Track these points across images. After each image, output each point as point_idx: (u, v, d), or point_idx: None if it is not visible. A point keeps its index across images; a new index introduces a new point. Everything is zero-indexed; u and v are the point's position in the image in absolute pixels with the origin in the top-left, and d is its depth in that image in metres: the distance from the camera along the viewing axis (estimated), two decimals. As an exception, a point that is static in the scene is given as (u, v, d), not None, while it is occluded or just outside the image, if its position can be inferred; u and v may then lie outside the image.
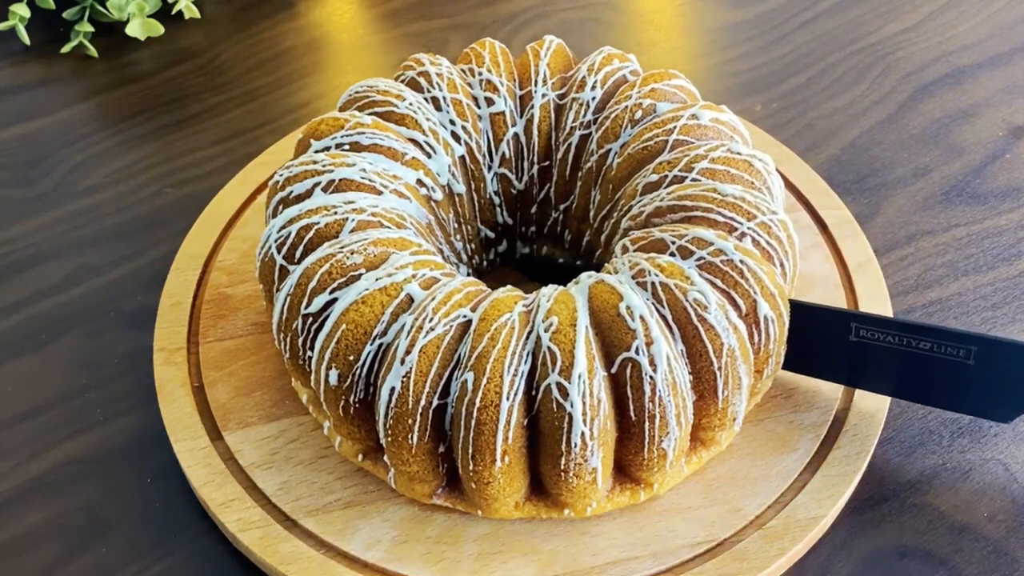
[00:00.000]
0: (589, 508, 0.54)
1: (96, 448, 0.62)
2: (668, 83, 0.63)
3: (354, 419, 0.54)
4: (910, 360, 0.55)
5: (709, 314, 0.51)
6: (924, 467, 0.60)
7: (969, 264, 0.71)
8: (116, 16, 0.93)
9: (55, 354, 0.68)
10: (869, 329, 0.55)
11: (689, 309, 0.51)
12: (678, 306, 0.51)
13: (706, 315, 0.51)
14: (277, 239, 0.56)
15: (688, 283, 0.52)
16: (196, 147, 0.83)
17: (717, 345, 0.51)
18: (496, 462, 0.51)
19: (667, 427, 0.51)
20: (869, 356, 0.57)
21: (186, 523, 0.58)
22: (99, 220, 0.77)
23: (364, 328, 0.52)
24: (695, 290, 0.51)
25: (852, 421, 0.59)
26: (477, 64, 0.66)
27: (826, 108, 0.85)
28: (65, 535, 0.58)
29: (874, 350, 0.56)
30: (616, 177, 0.61)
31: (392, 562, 0.54)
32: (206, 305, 0.67)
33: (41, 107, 0.88)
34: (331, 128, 0.61)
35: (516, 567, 0.54)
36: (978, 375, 0.54)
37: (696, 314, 0.51)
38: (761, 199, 0.57)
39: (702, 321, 0.51)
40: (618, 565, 0.54)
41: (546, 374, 0.50)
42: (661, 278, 0.52)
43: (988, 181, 0.77)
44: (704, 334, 0.51)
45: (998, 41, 0.91)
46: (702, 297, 0.51)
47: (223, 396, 0.62)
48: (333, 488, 0.57)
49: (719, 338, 0.51)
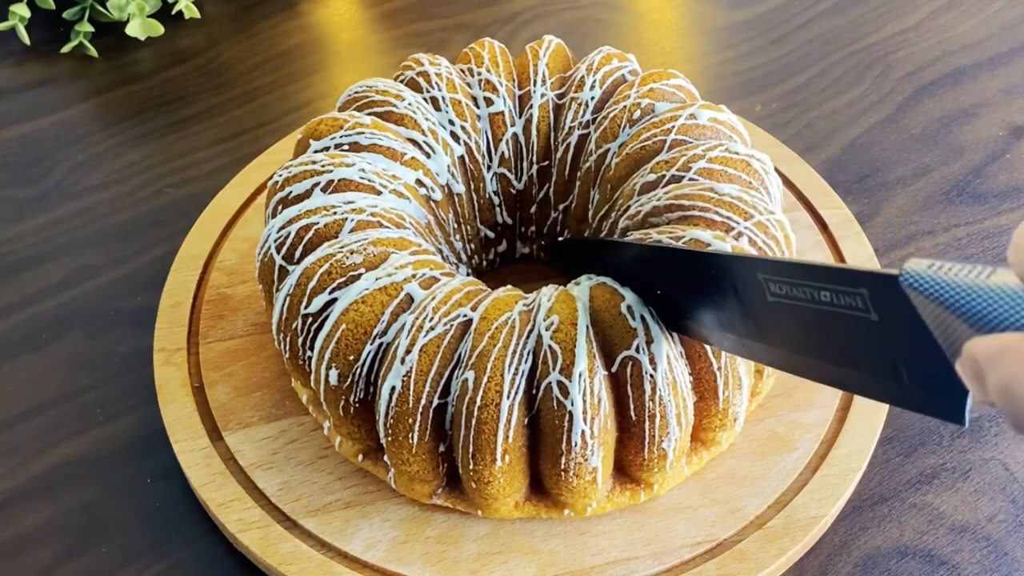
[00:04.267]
0: (589, 508, 0.54)
1: (96, 448, 0.62)
2: (667, 83, 0.63)
3: (354, 419, 0.54)
4: (816, 321, 0.42)
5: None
6: (924, 467, 0.60)
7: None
8: (116, 16, 0.93)
9: (55, 354, 0.68)
10: (776, 280, 0.43)
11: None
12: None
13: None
14: (277, 239, 0.56)
15: None
16: (196, 147, 0.83)
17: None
18: (496, 461, 0.51)
19: (667, 427, 0.51)
20: (783, 319, 0.44)
21: (186, 523, 0.58)
22: (99, 220, 0.77)
23: (364, 328, 0.52)
24: None
25: (852, 421, 0.59)
26: (476, 64, 0.66)
27: (826, 108, 0.85)
28: (65, 535, 0.58)
29: (786, 311, 0.44)
30: (614, 177, 0.61)
31: (392, 562, 0.54)
32: (206, 305, 0.67)
33: (41, 107, 0.88)
34: (330, 128, 0.61)
35: (516, 567, 0.54)
36: (885, 337, 0.40)
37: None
38: (758, 199, 0.57)
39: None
40: (618, 565, 0.54)
41: (547, 372, 0.50)
42: (660, 278, 0.52)
43: (988, 181, 0.77)
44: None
45: (998, 41, 0.91)
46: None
47: (223, 396, 0.62)
48: (333, 488, 0.57)
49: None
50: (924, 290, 0.35)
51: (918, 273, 0.35)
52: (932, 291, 0.35)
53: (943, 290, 0.35)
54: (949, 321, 0.35)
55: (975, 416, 0.62)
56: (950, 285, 0.34)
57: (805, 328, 0.44)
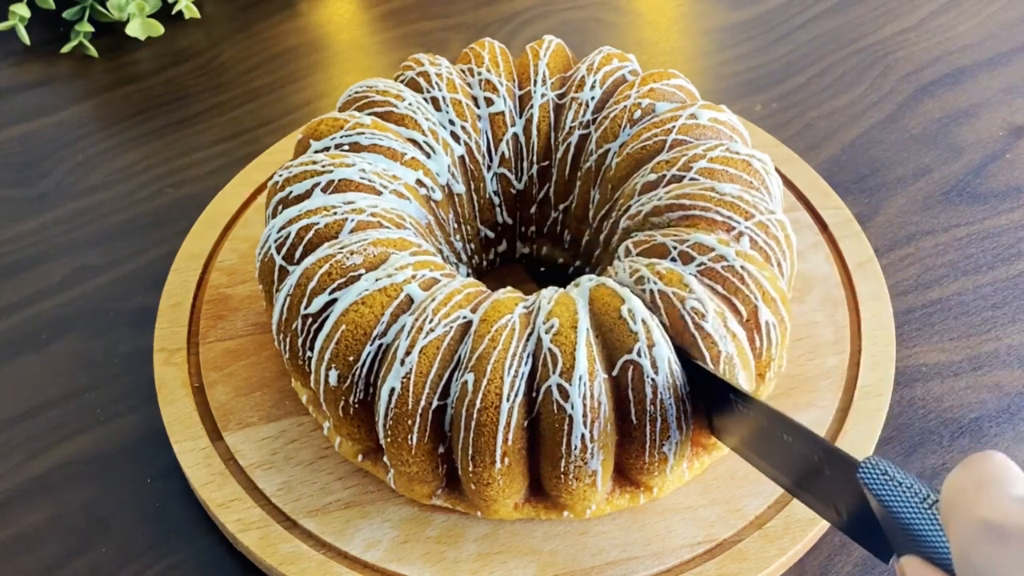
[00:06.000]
0: (588, 510, 0.54)
1: (96, 448, 0.62)
2: (667, 83, 0.63)
3: (354, 419, 0.54)
4: (778, 448, 0.48)
5: (706, 323, 0.51)
6: (924, 467, 0.60)
7: (969, 264, 0.71)
8: (116, 16, 0.93)
9: (55, 354, 0.68)
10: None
11: (686, 318, 0.51)
12: (675, 314, 0.51)
13: (703, 323, 0.51)
14: (277, 239, 0.56)
15: (686, 291, 0.51)
16: (196, 147, 0.83)
17: (715, 353, 0.51)
18: (496, 463, 0.51)
19: (668, 430, 0.51)
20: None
21: (186, 523, 0.58)
22: (99, 220, 0.77)
23: (364, 329, 0.52)
24: (693, 298, 0.51)
25: (852, 421, 0.59)
26: (476, 64, 0.65)
27: (826, 108, 0.85)
28: (65, 535, 0.58)
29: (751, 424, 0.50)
30: (615, 177, 0.61)
31: (392, 562, 0.54)
32: (206, 305, 0.67)
33: (41, 107, 0.88)
34: (331, 128, 0.61)
35: (516, 567, 0.54)
36: (833, 488, 0.45)
37: (693, 322, 0.51)
38: (759, 198, 0.56)
39: (699, 329, 0.51)
40: (618, 565, 0.53)
41: (547, 376, 0.50)
42: (659, 286, 0.52)
43: (988, 181, 0.77)
44: (701, 342, 0.51)
45: (998, 41, 0.91)
46: (699, 306, 0.51)
47: (223, 396, 0.62)
48: (333, 488, 0.57)
49: (717, 346, 0.51)
50: (874, 491, 0.40)
51: (873, 476, 0.40)
52: (881, 495, 0.39)
53: (890, 499, 0.39)
54: (889, 520, 0.39)
55: (975, 416, 0.62)
56: (897, 499, 0.39)
57: (767, 442, 0.49)
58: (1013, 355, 0.65)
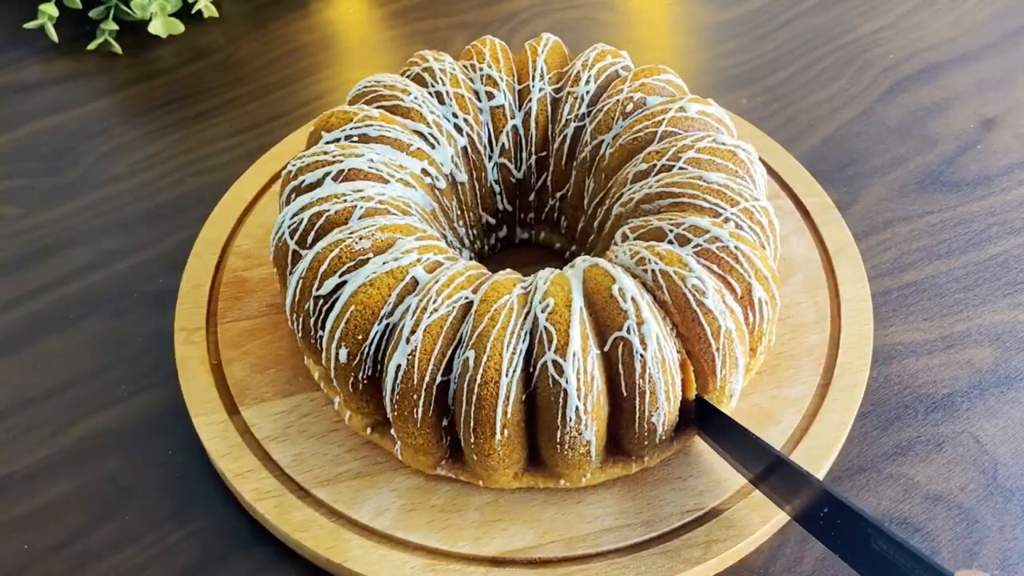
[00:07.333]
0: (584, 479, 0.54)
1: (120, 422, 0.62)
2: (658, 78, 0.63)
3: (363, 395, 0.53)
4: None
5: (707, 299, 0.51)
6: (900, 440, 0.59)
7: (942, 248, 0.70)
8: (139, 15, 0.92)
9: (82, 333, 0.67)
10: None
11: (688, 295, 0.51)
12: (678, 292, 0.51)
13: (704, 300, 0.51)
14: (290, 225, 0.56)
15: (686, 270, 0.51)
16: (214, 139, 0.83)
17: (715, 328, 0.51)
18: (496, 435, 0.50)
19: (656, 402, 0.51)
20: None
21: (204, 493, 0.58)
22: (123, 207, 0.77)
23: (372, 309, 0.52)
24: (693, 276, 0.51)
25: (832, 396, 0.59)
26: (478, 60, 0.65)
27: (808, 101, 0.84)
28: (90, 504, 0.58)
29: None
30: (608, 166, 0.61)
31: (399, 529, 0.53)
32: (224, 287, 0.67)
33: (69, 101, 0.87)
34: (341, 121, 0.60)
35: (516, 533, 0.53)
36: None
37: (695, 299, 0.51)
38: (744, 186, 0.56)
39: (700, 306, 0.51)
40: (612, 532, 0.53)
41: (543, 352, 0.49)
42: (661, 266, 0.51)
43: (960, 170, 0.77)
44: (703, 318, 0.51)
45: (969, 38, 0.90)
46: (700, 283, 0.51)
47: (240, 373, 0.61)
48: (343, 460, 0.57)
49: (717, 321, 0.51)
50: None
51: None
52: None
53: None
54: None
55: (948, 392, 0.61)
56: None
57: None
58: (984, 334, 0.65)
